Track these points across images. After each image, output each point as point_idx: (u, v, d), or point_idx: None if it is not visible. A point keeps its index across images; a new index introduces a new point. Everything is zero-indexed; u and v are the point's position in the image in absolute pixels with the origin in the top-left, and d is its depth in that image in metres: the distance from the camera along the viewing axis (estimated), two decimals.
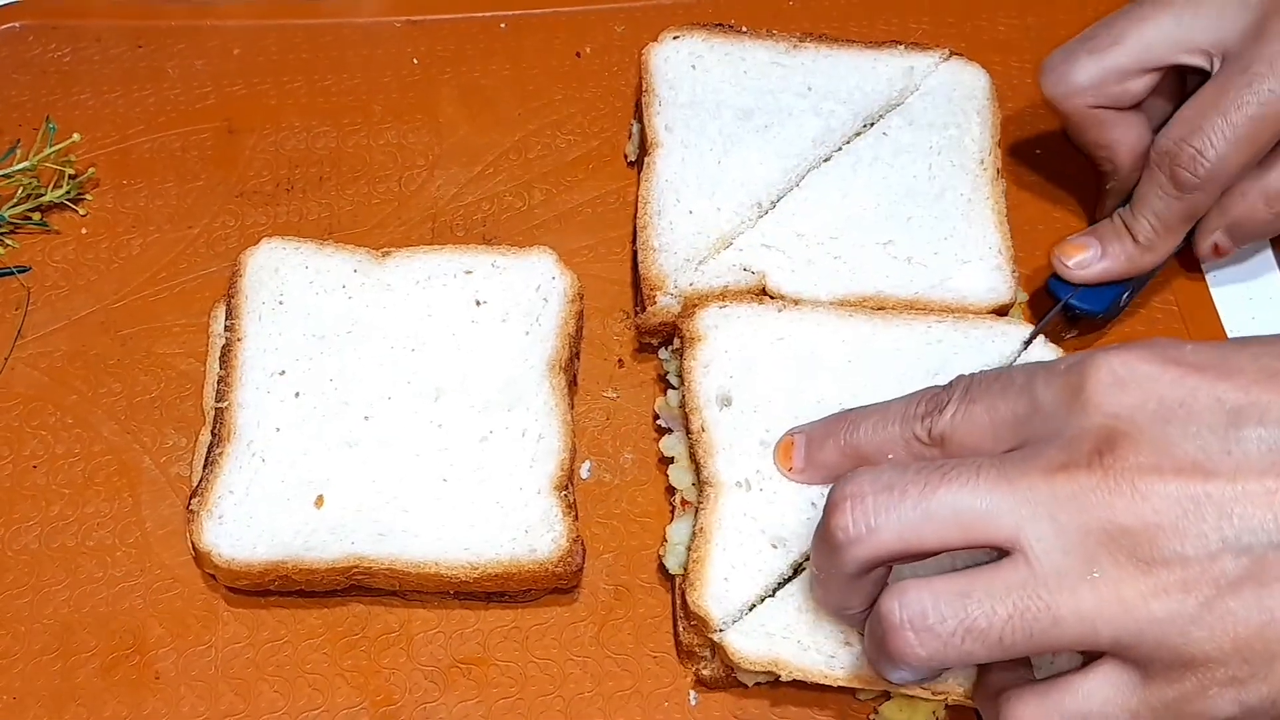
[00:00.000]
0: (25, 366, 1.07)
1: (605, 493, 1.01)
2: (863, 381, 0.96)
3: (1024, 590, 0.69)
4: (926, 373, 0.96)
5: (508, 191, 1.16)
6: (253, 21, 1.26)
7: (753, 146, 1.09)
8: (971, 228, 1.05)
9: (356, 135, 1.19)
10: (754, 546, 0.90)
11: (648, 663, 0.94)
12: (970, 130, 1.10)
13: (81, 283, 1.11)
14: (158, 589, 0.97)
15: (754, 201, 1.06)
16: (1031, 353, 0.97)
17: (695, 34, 1.15)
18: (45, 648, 0.94)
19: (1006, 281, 1.03)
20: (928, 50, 1.14)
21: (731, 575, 0.88)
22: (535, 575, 0.92)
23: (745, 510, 0.91)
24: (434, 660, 0.94)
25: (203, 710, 0.92)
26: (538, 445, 0.96)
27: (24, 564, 0.97)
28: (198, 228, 1.14)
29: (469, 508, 0.94)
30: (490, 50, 1.24)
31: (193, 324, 1.08)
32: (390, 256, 1.05)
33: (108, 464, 1.02)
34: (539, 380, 0.99)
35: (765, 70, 1.13)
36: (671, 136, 1.10)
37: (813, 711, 0.91)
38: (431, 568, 0.91)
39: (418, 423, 0.97)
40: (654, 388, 1.06)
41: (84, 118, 1.20)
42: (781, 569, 0.89)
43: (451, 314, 1.02)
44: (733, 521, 0.90)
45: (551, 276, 1.03)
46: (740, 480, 0.92)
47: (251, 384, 0.98)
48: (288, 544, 0.92)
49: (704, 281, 1.03)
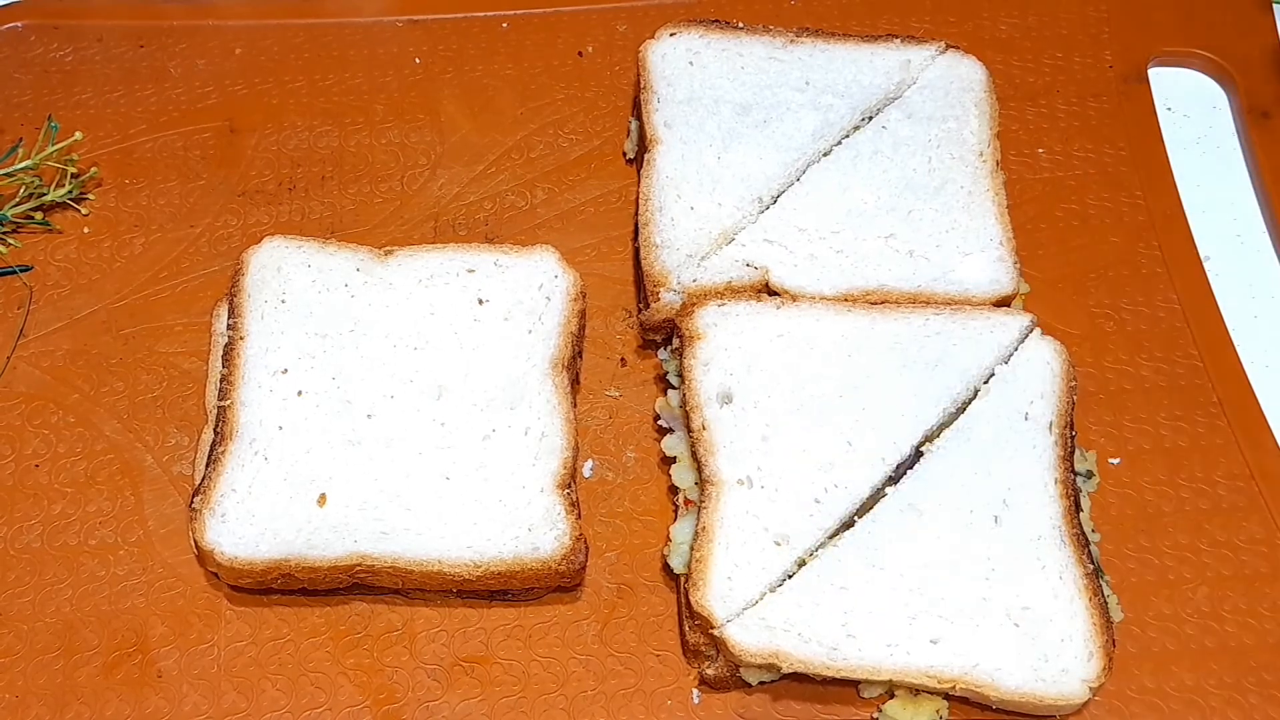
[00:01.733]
0: (27, 365, 1.07)
1: (608, 491, 1.01)
2: (863, 375, 0.96)
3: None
4: (926, 365, 0.96)
5: (510, 190, 1.16)
6: (254, 21, 1.26)
7: (752, 141, 1.09)
8: (972, 220, 1.06)
9: (359, 134, 1.19)
10: (757, 545, 0.89)
11: (651, 661, 0.94)
12: (969, 123, 1.10)
13: (84, 282, 1.11)
14: (160, 587, 0.97)
15: (755, 196, 1.06)
16: (1028, 344, 0.98)
17: (692, 30, 1.15)
18: (47, 646, 0.94)
19: (1009, 273, 1.03)
20: (924, 43, 1.14)
21: (735, 574, 0.88)
22: (538, 573, 0.92)
23: (748, 508, 0.91)
24: (437, 658, 0.94)
25: (205, 708, 0.92)
26: (540, 443, 0.96)
27: (26, 563, 0.97)
28: (200, 227, 1.14)
29: (472, 506, 0.94)
30: (492, 49, 1.24)
31: (195, 323, 1.08)
32: (393, 255, 1.05)
33: (110, 463, 1.02)
34: (541, 379, 0.99)
35: (763, 65, 1.13)
36: (671, 133, 1.10)
37: (815, 710, 0.91)
38: (434, 566, 0.91)
39: (420, 421, 0.97)
40: (656, 386, 1.05)
41: (86, 117, 1.20)
42: (785, 566, 0.89)
43: (454, 312, 1.02)
44: (735, 520, 0.90)
45: (554, 275, 1.03)
46: (742, 478, 0.92)
47: (254, 382, 0.98)
48: (290, 542, 0.92)
49: (706, 277, 1.03)
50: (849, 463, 0.92)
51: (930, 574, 0.89)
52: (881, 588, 0.89)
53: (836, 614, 0.87)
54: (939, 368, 0.94)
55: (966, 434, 0.94)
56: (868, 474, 0.92)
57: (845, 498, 0.91)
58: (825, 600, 0.88)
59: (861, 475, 0.92)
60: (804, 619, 0.87)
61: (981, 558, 0.90)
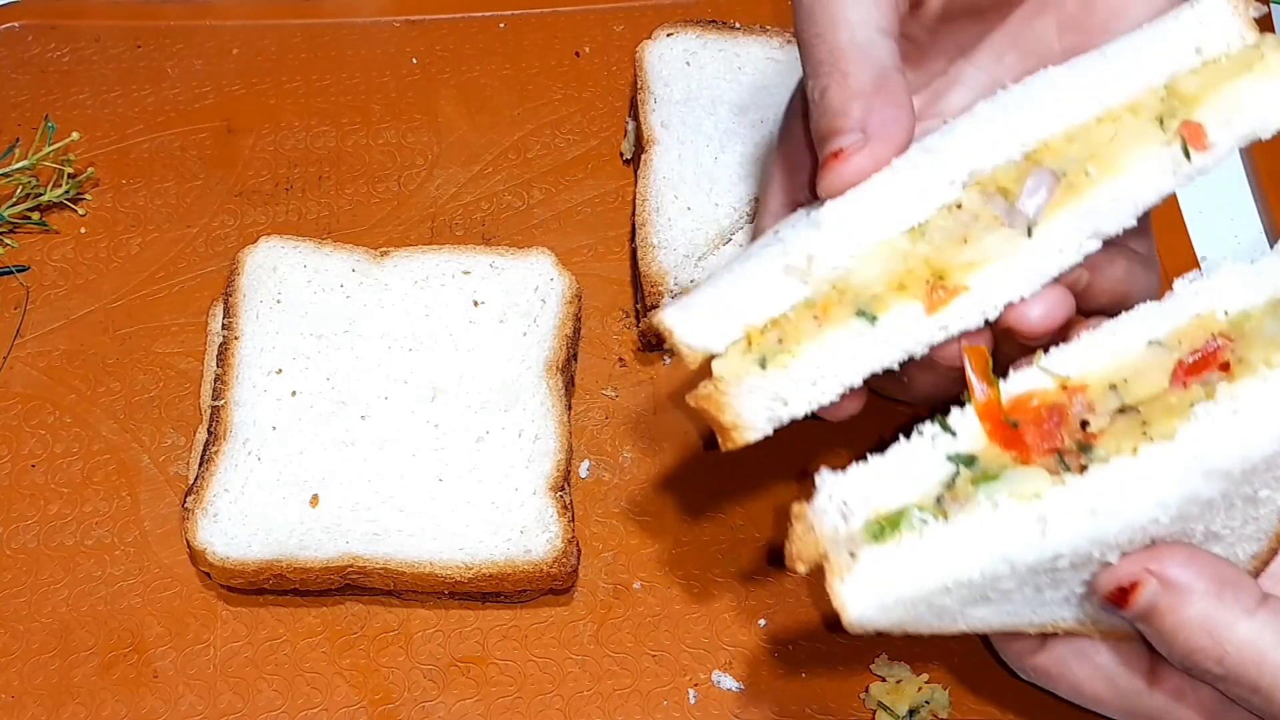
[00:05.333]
0: (24, 365, 1.07)
1: (604, 492, 1.01)
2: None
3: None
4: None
5: (506, 191, 1.16)
6: (251, 21, 1.26)
7: (749, 142, 1.09)
8: None
9: (355, 135, 1.19)
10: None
11: (647, 661, 0.94)
12: None
13: (80, 282, 1.11)
14: (156, 588, 0.97)
15: (752, 196, 1.06)
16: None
17: (689, 30, 1.15)
18: (44, 646, 0.94)
19: None
20: None
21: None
22: (530, 576, 0.92)
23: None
24: (433, 659, 0.94)
25: (201, 709, 0.92)
26: (534, 446, 0.96)
27: (22, 563, 0.98)
28: (196, 227, 1.14)
29: (464, 508, 0.94)
30: (489, 50, 1.24)
31: (191, 323, 1.08)
32: (389, 256, 1.05)
33: (106, 463, 1.02)
34: (536, 381, 0.99)
35: (760, 66, 1.13)
36: (667, 133, 1.10)
37: (812, 711, 0.91)
38: (426, 568, 0.91)
39: (414, 423, 0.97)
40: (653, 387, 1.05)
41: (83, 117, 1.20)
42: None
43: (449, 314, 1.02)
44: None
45: (550, 278, 1.03)
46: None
47: (248, 382, 0.98)
48: (282, 543, 0.92)
49: (704, 278, 1.03)
50: None
51: None
52: None
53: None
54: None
55: None
56: None
57: None
58: None
59: None
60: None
61: None
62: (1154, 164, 0.71)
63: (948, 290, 0.71)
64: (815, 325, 0.71)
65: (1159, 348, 0.70)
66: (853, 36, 0.72)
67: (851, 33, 0.73)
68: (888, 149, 0.72)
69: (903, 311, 0.71)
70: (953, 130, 0.72)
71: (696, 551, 0.98)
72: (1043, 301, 0.73)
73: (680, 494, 1.00)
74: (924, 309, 0.71)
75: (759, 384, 0.71)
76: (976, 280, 0.71)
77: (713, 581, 0.97)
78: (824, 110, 0.73)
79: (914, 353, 0.72)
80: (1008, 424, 0.70)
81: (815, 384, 0.71)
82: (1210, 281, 0.71)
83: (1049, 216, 0.71)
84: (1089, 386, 0.70)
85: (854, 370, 0.71)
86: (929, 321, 0.71)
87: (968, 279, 0.71)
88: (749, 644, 0.94)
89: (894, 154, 0.72)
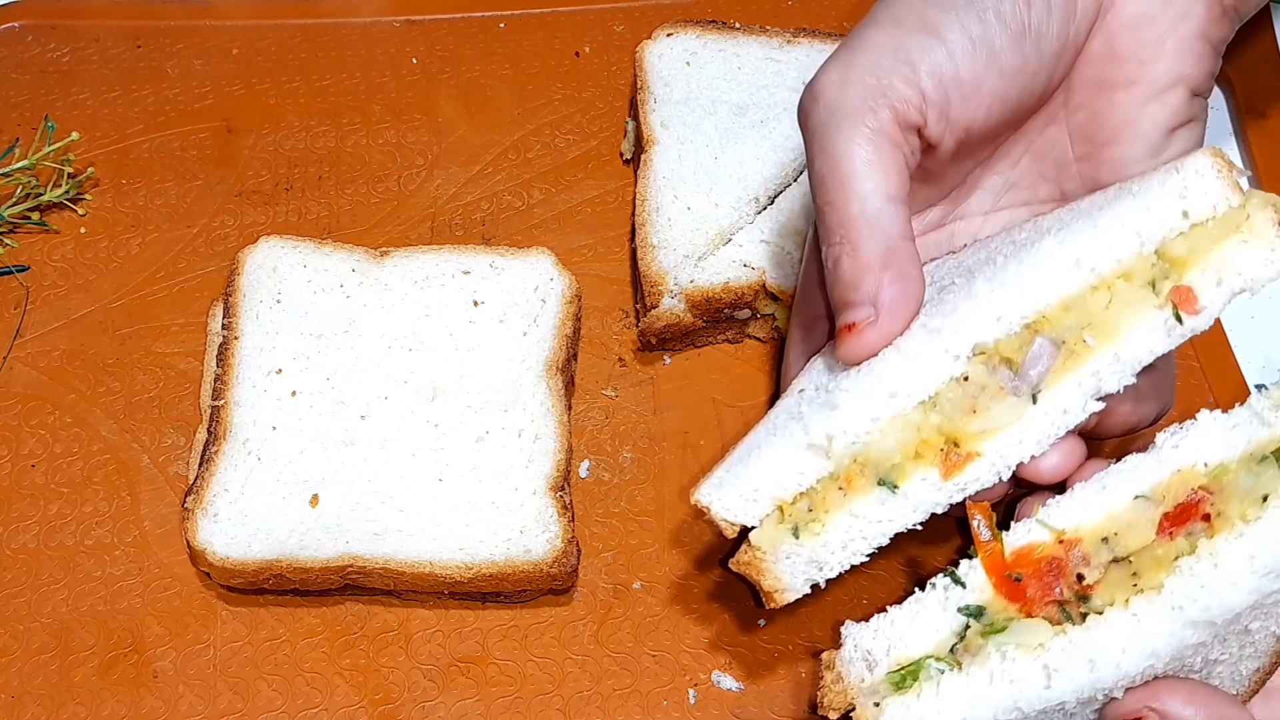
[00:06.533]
0: (24, 366, 1.07)
1: (604, 492, 1.01)
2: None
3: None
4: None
5: (506, 191, 1.16)
6: (251, 21, 1.26)
7: (749, 142, 1.09)
8: None
9: (355, 135, 1.19)
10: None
11: (647, 661, 0.94)
12: None
13: (80, 282, 1.11)
14: (156, 588, 0.97)
15: (751, 196, 1.06)
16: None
17: (689, 31, 1.15)
18: (44, 646, 0.94)
19: None
20: None
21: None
22: (530, 576, 0.92)
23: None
24: (433, 659, 0.94)
25: (201, 709, 0.92)
26: (534, 446, 0.96)
27: (22, 563, 0.98)
28: (196, 227, 1.14)
29: (464, 508, 0.94)
30: (489, 50, 1.24)
31: (191, 323, 1.08)
32: (388, 256, 1.05)
33: (106, 463, 1.02)
34: (536, 381, 0.99)
35: (759, 66, 1.13)
36: (667, 133, 1.10)
37: (812, 712, 0.91)
38: (426, 568, 0.91)
39: (414, 422, 0.97)
40: (653, 387, 1.05)
41: (83, 117, 1.20)
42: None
43: (449, 314, 1.02)
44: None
45: (550, 278, 1.03)
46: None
47: (248, 382, 0.98)
48: (282, 542, 0.92)
49: (704, 278, 1.03)
50: None
51: None
52: None
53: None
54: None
55: None
56: None
57: None
58: None
59: None
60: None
61: None
62: (1148, 327, 0.74)
63: (962, 456, 0.76)
64: (841, 495, 0.76)
65: (1145, 501, 0.74)
66: (862, 208, 0.76)
67: (861, 205, 0.76)
68: (898, 323, 0.76)
69: (921, 478, 0.76)
70: (955, 306, 0.75)
71: (696, 551, 0.98)
72: (1054, 454, 0.77)
73: (680, 494, 1.00)
74: (940, 475, 0.76)
75: (794, 550, 0.77)
76: (988, 446, 0.75)
77: (713, 581, 0.97)
78: (837, 280, 0.78)
79: (935, 513, 0.77)
80: (1011, 579, 0.75)
81: (846, 547, 0.77)
82: (1190, 435, 0.75)
83: (1052, 383, 0.75)
84: (1083, 539, 0.74)
85: (881, 533, 0.77)
86: (947, 486, 0.76)
87: (979, 446, 0.75)
88: (749, 644, 0.94)
89: (904, 326, 0.77)
